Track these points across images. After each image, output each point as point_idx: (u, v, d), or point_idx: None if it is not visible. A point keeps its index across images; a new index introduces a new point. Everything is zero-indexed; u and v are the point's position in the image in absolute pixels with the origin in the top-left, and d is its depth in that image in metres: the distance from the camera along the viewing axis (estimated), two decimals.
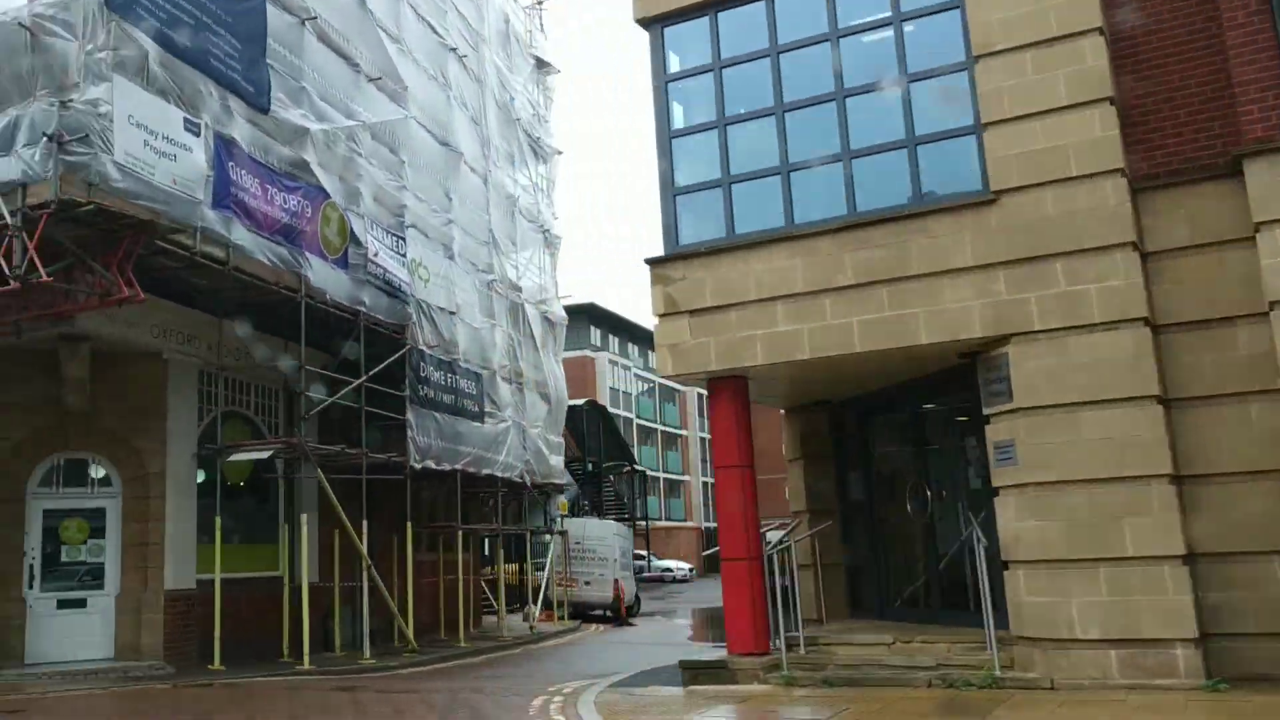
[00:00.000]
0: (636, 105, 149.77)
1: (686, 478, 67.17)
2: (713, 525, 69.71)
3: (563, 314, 26.14)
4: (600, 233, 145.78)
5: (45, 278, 10.73)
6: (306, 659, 14.19)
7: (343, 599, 17.05)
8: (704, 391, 11.68)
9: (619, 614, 27.22)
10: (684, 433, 67.84)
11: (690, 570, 53.10)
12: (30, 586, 13.85)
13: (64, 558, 14.20)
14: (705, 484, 70.15)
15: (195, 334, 14.91)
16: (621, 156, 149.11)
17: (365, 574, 15.91)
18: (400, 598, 17.22)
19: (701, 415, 69.98)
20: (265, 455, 14.69)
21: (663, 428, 63.99)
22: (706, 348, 10.67)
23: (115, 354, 13.99)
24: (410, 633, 17.00)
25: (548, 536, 25.74)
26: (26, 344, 13.37)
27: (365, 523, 15.87)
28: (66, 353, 13.35)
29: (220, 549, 14.43)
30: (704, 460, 70.18)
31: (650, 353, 65.15)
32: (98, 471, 14.51)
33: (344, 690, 12.09)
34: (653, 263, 11.03)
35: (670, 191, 11.13)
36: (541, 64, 26.51)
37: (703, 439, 70.23)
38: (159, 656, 13.76)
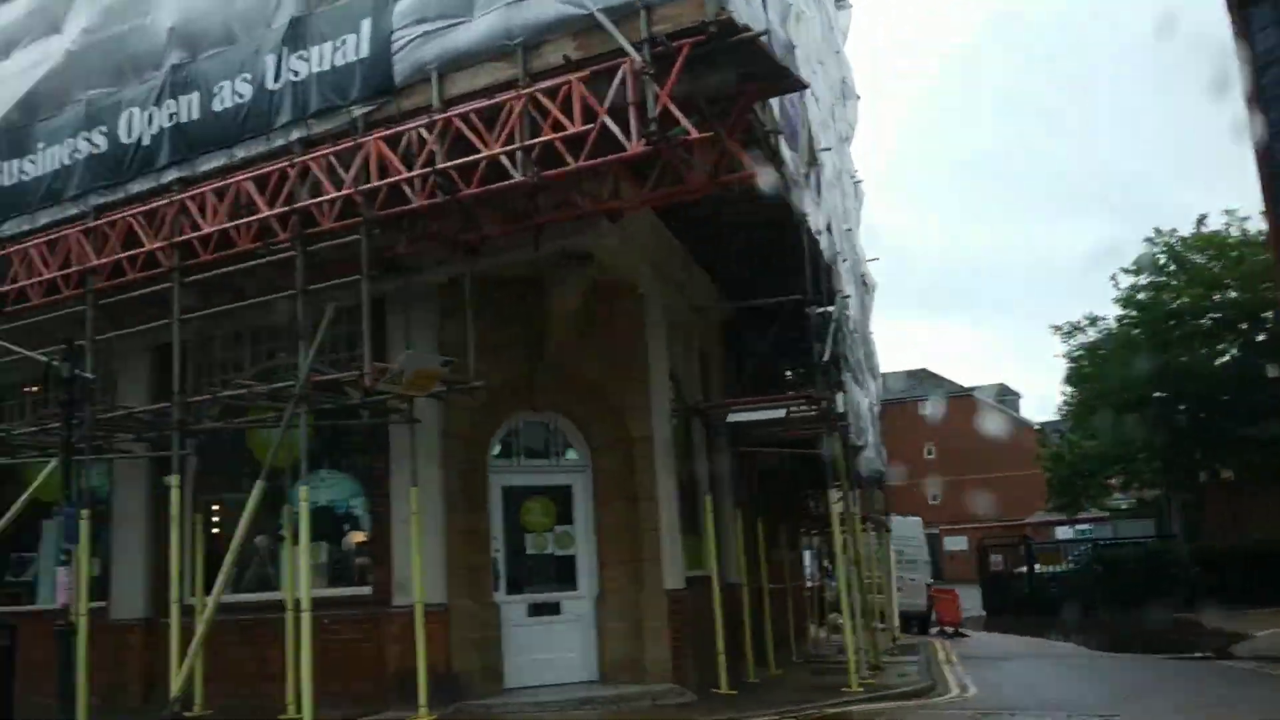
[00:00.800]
0: None
1: None
2: None
3: (875, 278, 22.77)
4: None
5: (694, 134, 7.48)
6: (854, 681, 10.79)
7: (753, 605, 13.69)
8: None
9: (928, 625, 23.69)
10: None
11: None
12: (496, 587, 10.61)
13: (529, 548, 10.95)
14: None
15: (662, 264, 11.68)
16: None
17: (853, 573, 12.58)
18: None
19: None
20: (778, 415, 11.36)
21: None
22: None
23: (598, 284, 10.75)
24: (877, 650, 13.64)
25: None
26: (497, 269, 10.13)
27: (835, 507, 12.49)
28: (571, 278, 10.05)
29: (713, 538, 11.16)
30: None
31: None
32: (559, 438, 11.26)
33: None
34: None
35: None
36: None
37: None
38: (666, 677, 10.45)
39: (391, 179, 8.58)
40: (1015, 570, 31.82)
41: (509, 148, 8.08)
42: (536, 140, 7.97)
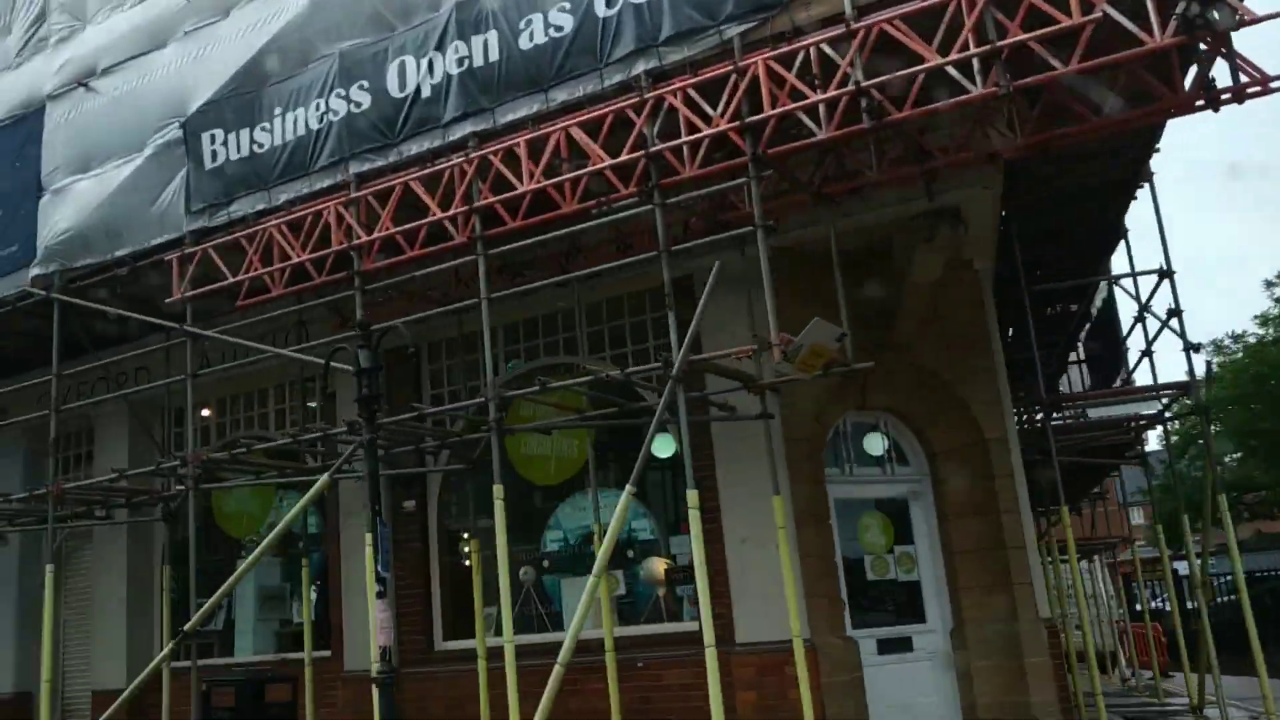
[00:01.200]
0: None
1: None
2: None
3: None
4: None
5: (1249, 15, 5.85)
6: None
7: None
8: None
9: (1113, 665, 21.64)
10: None
11: None
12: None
13: (869, 573, 9.14)
14: None
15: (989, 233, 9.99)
16: None
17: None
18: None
19: None
20: (1150, 412, 9.61)
21: None
22: None
23: None
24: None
25: None
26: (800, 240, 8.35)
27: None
28: (939, 241, 8.33)
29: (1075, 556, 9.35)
30: None
31: None
32: (887, 440, 9.50)
33: None
34: None
35: None
36: None
37: None
38: None
39: (787, 107, 6.94)
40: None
41: (963, 54, 6.45)
42: (1007, 41, 6.33)
